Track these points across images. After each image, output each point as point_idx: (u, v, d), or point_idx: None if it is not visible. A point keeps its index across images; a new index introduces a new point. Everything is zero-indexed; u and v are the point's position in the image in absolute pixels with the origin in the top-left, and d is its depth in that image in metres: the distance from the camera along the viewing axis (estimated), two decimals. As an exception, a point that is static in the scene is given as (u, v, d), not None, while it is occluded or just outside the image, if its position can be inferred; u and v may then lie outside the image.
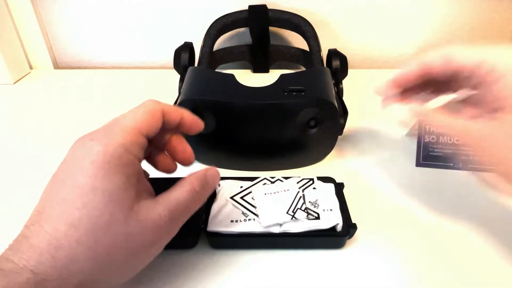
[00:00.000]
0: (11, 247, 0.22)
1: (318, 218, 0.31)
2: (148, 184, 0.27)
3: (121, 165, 0.23)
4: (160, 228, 0.24)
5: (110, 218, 0.22)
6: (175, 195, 0.25)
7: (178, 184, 0.26)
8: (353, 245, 0.32)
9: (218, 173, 0.28)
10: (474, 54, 0.29)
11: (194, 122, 0.29)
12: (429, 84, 0.34)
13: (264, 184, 0.35)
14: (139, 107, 0.27)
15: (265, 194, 0.33)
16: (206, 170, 0.28)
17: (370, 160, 0.42)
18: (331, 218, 0.31)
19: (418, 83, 0.33)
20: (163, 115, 0.27)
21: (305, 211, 0.31)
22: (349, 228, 0.31)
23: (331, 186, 0.35)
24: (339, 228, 0.31)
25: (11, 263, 0.20)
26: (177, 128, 0.29)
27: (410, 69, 0.33)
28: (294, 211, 0.31)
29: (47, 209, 0.22)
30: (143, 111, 0.26)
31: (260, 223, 0.31)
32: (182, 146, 0.29)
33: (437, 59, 0.30)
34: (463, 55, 0.29)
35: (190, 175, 0.27)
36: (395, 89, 0.35)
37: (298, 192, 0.33)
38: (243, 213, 0.32)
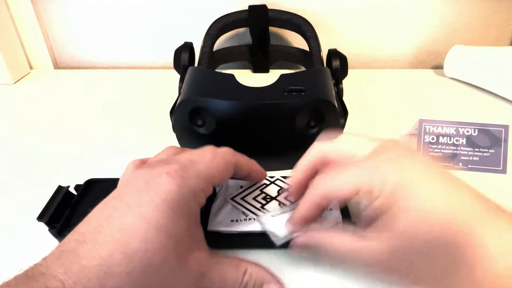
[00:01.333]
0: (59, 261, 0.20)
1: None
2: (201, 231, 0.26)
3: (188, 211, 0.24)
4: (198, 285, 0.24)
5: (164, 260, 0.22)
6: (224, 271, 0.25)
7: (234, 262, 0.26)
8: (353, 245, 0.32)
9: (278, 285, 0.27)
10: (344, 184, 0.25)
11: (261, 175, 0.31)
12: None
13: (264, 185, 0.35)
14: (216, 154, 0.27)
15: (272, 216, 0.32)
16: (269, 278, 0.27)
17: (370, 160, 0.42)
18: (331, 217, 0.31)
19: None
20: (235, 168, 0.28)
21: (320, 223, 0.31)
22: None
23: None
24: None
25: (58, 282, 0.19)
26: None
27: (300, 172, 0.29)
28: None
29: (105, 231, 0.21)
30: (219, 162, 0.27)
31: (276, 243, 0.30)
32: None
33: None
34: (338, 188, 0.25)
35: (249, 265, 0.27)
36: (299, 192, 0.30)
37: None
38: (243, 213, 0.32)
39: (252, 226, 0.31)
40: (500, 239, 0.21)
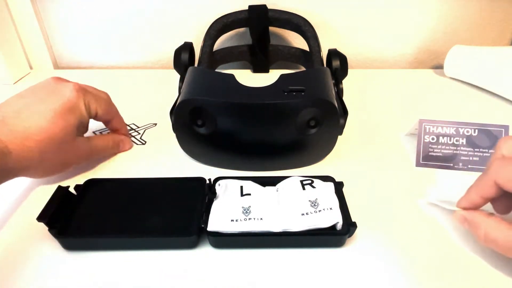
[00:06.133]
0: None
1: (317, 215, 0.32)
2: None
3: (79, 114, 0.37)
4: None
5: (63, 137, 0.35)
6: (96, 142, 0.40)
7: (102, 137, 0.42)
8: (353, 244, 0.32)
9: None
10: None
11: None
12: None
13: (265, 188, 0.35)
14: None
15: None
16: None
17: (370, 160, 0.42)
18: (331, 217, 0.31)
19: None
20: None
21: (313, 206, 0.32)
22: (349, 226, 0.31)
23: (330, 185, 0.35)
24: (339, 226, 0.31)
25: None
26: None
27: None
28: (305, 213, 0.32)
29: (25, 112, 0.35)
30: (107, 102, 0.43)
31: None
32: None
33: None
34: None
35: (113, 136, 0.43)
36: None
37: (302, 194, 0.33)
38: (243, 212, 0.32)
39: (252, 226, 0.31)
40: None
